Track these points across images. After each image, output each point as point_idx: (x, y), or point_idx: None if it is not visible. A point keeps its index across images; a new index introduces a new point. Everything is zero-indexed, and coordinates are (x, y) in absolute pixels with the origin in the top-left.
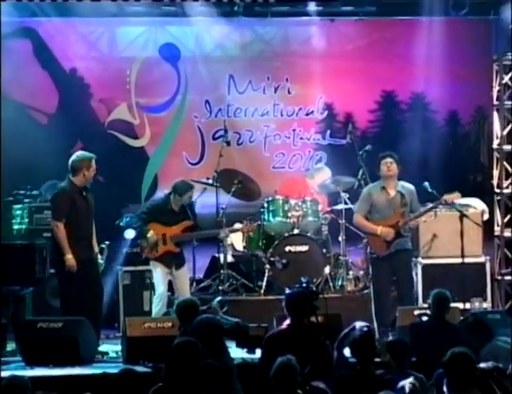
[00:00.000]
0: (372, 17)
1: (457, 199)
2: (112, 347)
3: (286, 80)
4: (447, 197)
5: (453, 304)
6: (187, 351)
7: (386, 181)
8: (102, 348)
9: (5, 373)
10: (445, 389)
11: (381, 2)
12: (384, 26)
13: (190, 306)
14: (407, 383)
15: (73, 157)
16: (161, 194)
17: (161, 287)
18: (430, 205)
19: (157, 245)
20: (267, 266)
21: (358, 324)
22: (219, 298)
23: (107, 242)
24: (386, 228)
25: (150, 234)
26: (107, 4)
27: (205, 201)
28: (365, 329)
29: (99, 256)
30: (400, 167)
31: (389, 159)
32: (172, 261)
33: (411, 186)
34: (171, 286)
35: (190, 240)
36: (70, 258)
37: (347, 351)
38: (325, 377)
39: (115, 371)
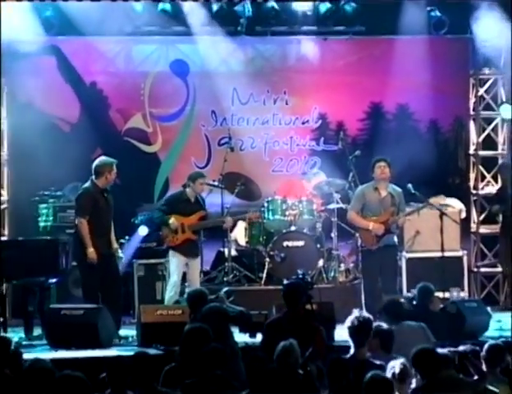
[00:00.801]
0: (361, 36)
1: (443, 201)
2: (127, 332)
3: (284, 92)
4: (434, 200)
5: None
6: (199, 336)
7: (378, 183)
8: (121, 333)
9: (31, 356)
10: None
11: (369, 23)
12: (372, 44)
13: (200, 295)
14: (397, 364)
15: (96, 161)
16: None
17: (175, 276)
18: (418, 206)
19: (176, 233)
20: (267, 259)
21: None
22: (226, 288)
23: (127, 237)
24: (377, 224)
25: (172, 221)
26: (124, 25)
27: (211, 201)
28: (363, 315)
29: (119, 251)
30: (392, 170)
31: (382, 163)
32: (190, 250)
33: (399, 189)
34: (183, 278)
35: (205, 228)
36: (91, 251)
37: None
38: (319, 359)
39: (130, 354)
